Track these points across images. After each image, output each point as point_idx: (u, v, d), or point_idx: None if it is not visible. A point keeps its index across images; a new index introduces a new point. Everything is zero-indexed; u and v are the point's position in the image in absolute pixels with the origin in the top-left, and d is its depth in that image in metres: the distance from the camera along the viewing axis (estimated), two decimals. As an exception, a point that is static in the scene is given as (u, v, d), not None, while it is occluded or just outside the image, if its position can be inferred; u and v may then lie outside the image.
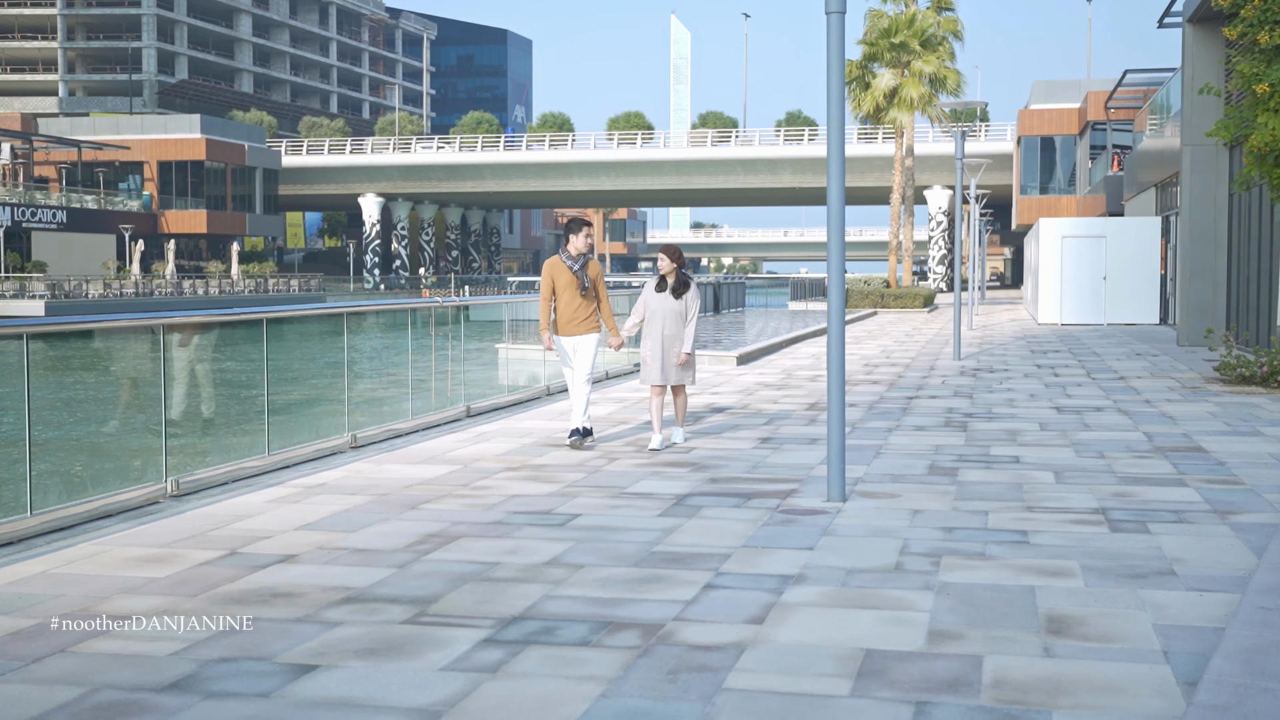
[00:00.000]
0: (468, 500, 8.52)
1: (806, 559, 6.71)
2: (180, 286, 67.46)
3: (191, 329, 9.35)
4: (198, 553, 6.98)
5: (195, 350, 9.45)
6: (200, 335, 9.53)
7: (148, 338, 9.58)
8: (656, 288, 11.07)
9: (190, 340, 9.74)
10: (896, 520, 7.77)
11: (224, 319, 9.63)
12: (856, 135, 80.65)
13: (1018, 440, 11.43)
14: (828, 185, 8.38)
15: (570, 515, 7.97)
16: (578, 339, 10.88)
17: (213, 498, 8.71)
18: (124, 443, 9.15)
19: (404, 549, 7.05)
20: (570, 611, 5.73)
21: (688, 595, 5.99)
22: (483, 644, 5.24)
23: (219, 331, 14.23)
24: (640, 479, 9.34)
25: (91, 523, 7.85)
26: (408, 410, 12.37)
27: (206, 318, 9.60)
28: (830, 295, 8.48)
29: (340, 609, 5.81)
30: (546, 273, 10.91)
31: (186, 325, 9.38)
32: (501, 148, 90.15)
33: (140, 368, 9.48)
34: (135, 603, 5.94)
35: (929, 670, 4.84)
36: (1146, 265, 32.61)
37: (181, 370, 7.79)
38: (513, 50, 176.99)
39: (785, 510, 8.11)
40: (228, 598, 6.03)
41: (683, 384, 11.19)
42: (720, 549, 6.99)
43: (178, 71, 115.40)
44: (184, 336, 9.77)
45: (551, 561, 6.71)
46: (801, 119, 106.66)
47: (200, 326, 9.55)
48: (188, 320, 9.20)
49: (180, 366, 7.85)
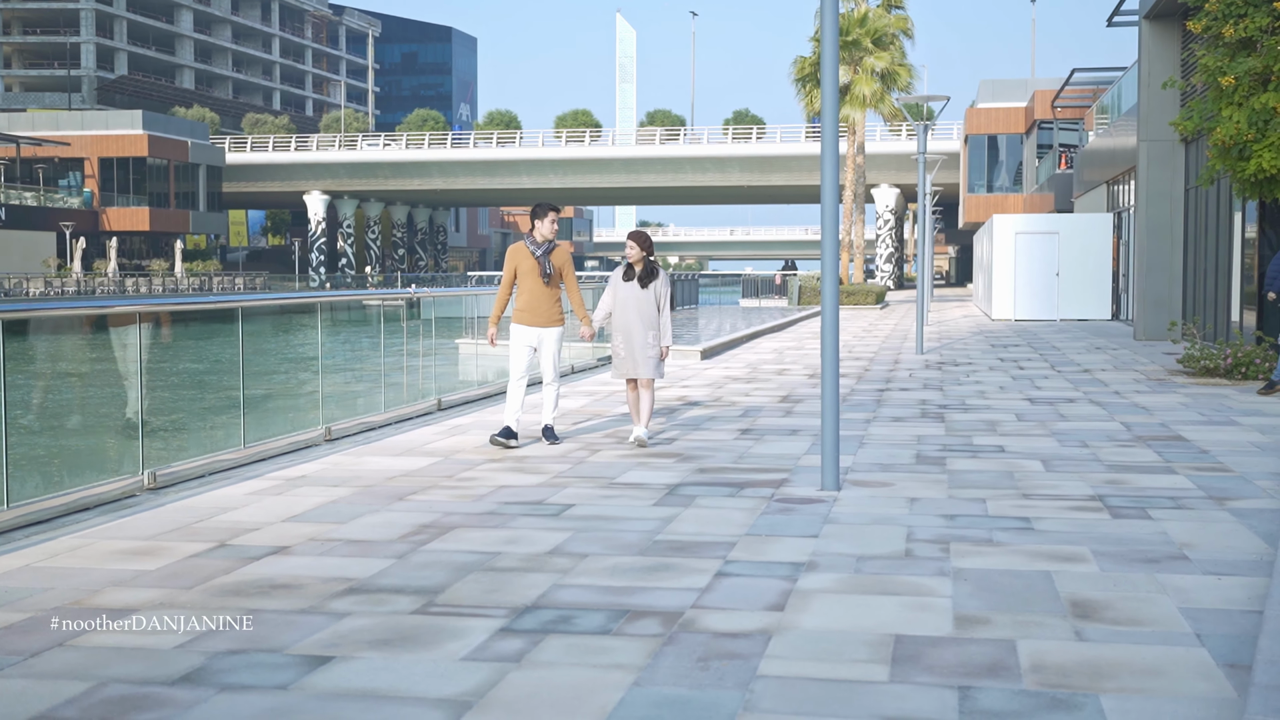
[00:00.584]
0: (456, 491, 8.34)
1: (814, 546, 6.60)
2: (123, 285, 66.47)
3: (165, 318, 9.08)
4: (186, 545, 6.76)
5: (167, 342, 9.17)
6: (170, 328, 9.27)
7: (115, 330, 9.33)
8: (624, 276, 10.51)
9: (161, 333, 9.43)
10: (895, 508, 7.68)
11: (200, 307, 9.39)
12: (805, 134, 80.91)
13: (997, 430, 11.39)
14: (822, 184, 8.28)
15: (563, 505, 7.82)
16: (540, 332, 10.30)
17: (191, 490, 8.48)
18: (98, 435, 8.88)
19: (399, 539, 6.87)
20: (583, 600, 5.58)
21: (701, 583, 5.85)
22: (500, 633, 5.08)
23: (187, 325, 13.92)
24: (627, 469, 9.20)
25: (69, 516, 7.61)
26: (380, 403, 12.15)
27: (182, 305, 9.33)
28: (824, 290, 8.38)
29: (344, 600, 5.62)
30: (509, 258, 10.39)
31: (162, 313, 9.12)
32: (449, 145, 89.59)
33: (111, 359, 9.21)
34: (129, 595, 5.72)
35: (964, 655, 4.73)
36: (1098, 262, 32.86)
37: (156, 362, 7.54)
38: (457, 48, 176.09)
39: (781, 499, 8.00)
40: (224, 590, 5.82)
41: (650, 379, 10.49)
42: (724, 537, 6.86)
43: (117, 67, 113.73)
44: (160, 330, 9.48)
45: (554, 551, 6.55)
46: (749, 118, 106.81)
47: (174, 315, 9.28)
48: (163, 307, 8.94)
49: (154, 358, 7.59)
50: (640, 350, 10.37)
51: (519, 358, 10.32)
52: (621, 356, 10.46)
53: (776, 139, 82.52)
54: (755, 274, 56.79)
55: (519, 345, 10.32)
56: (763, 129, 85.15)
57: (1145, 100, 23.56)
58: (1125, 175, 31.57)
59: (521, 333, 10.32)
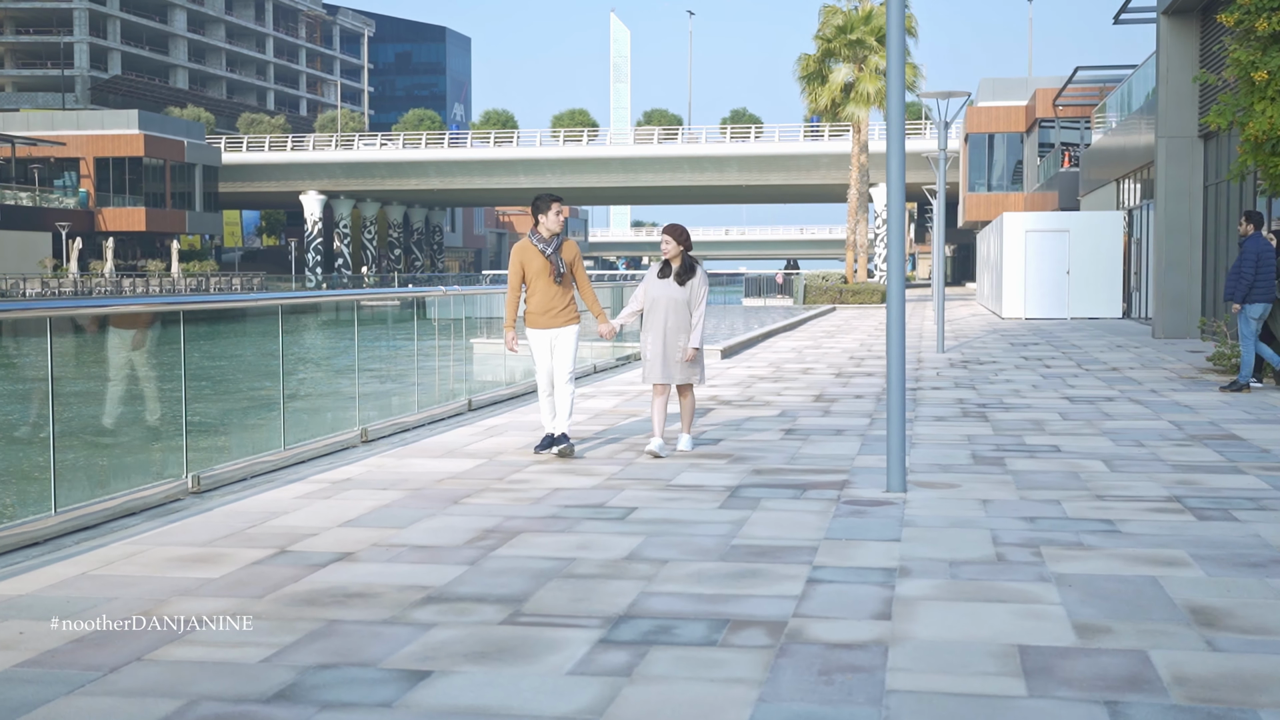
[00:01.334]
0: (510, 494, 8.09)
1: (900, 551, 6.36)
2: (120, 285, 66.12)
3: (206, 315, 8.84)
4: (245, 551, 6.51)
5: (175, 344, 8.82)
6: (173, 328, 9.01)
7: (154, 329, 9.08)
8: (659, 273, 9.76)
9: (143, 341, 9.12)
10: (969, 510, 7.44)
11: (243, 305, 9.12)
12: (803, 133, 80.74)
13: (1046, 430, 11.16)
14: (888, 185, 8.05)
15: (626, 508, 7.57)
16: (555, 332, 9.55)
17: (236, 494, 8.22)
18: (138, 438, 8.62)
19: (466, 545, 6.62)
20: (677, 609, 5.33)
21: (794, 590, 5.61)
22: (600, 645, 4.84)
23: (196, 325, 13.63)
24: (680, 471, 8.96)
25: (116, 521, 7.35)
26: (414, 404, 11.89)
27: (225, 303, 9.08)
28: (890, 291, 8.15)
29: (426, 609, 5.37)
30: (515, 259, 9.53)
31: (203, 311, 8.88)
32: (446, 145, 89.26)
33: (150, 359, 8.96)
34: (198, 605, 5.47)
35: (1098, 667, 4.49)
36: (1109, 259, 32.67)
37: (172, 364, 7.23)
38: (451, 48, 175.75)
39: (849, 501, 7.76)
40: (297, 599, 5.57)
41: (690, 383, 9.84)
42: (802, 541, 6.62)
43: (111, 67, 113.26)
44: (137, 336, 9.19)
45: (631, 556, 6.31)
46: (747, 117, 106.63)
47: (213, 314, 9.04)
48: (207, 305, 8.69)
49: (169, 359, 7.29)
50: (676, 355, 9.67)
51: (543, 363, 9.68)
52: (651, 360, 9.71)
53: (775, 138, 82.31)
54: (755, 273, 56.57)
55: (539, 350, 9.66)
56: (760, 128, 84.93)
57: (1164, 96, 23.36)
58: (1137, 172, 31.39)
59: (538, 337, 9.63)
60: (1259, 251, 13.92)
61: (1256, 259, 13.87)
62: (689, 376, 9.75)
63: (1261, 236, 14.06)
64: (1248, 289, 13.90)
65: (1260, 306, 13.99)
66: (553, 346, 9.55)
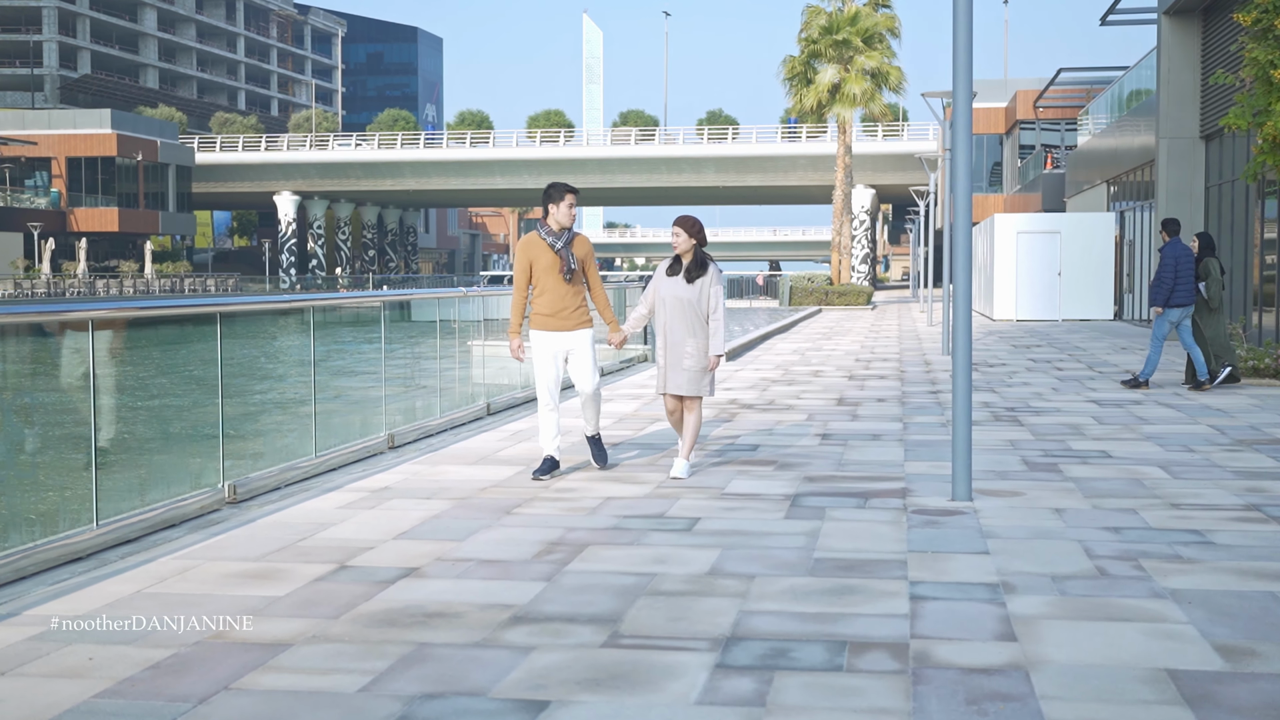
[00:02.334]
0: (562, 504, 7.78)
1: (993, 565, 6.08)
2: (93, 286, 65.33)
3: (242, 316, 8.51)
4: (303, 567, 6.18)
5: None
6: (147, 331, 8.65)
7: (174, 330, 8.72)
8: (668, 270, 8.66)
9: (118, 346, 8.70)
10: (1045, 520, 7.18)
11: (275, 307, 8.80)
12: (780, 135, 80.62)
13: (1086, 434, 10.93)
14: (954, 189, 7.79)
15: (688, 519, 7.27)
16: (569, 336, 8.63)
17: (274, 503, 7.88)
18: (174, 445, 8.27)
19: (534, 559, 6.30)
20: (785, 629, 5.04)
21: (900, 608, 5.32)
22: (718, 671, 4.53)
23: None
24: (729, 479, 8.66)
25: (157, 533, 7.00)
26: (436, 408, 11.56)
27: (259, 305, 8.75)
28: (956, 294, 7.89)
29: (516, 631, 5.06)
30: (521, 254, 8.63)
31: (238, 313, 8.54)
32: (422, 145, 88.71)
33: (166, 362, 8.60)
34: (273, 627, 5.13)
35: (1262, 694, 4.22)
36: (1100, 261, 32.60)
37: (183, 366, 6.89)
38: (423, 48, 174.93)
39: (918, 511, 7.49)
40: (375, 619, 5.25)
41: (697, 397, 8.65)
42: (886, 554, 6.34)
43: (80, 66, 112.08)
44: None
45: (714, 572, 6.00)
46: (723, 118, 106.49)
47: (249, 314, 8.72)
48: (242, 307, 8.36)
49: (177, 362, 6.94)
50: (682, 360, 8.53)
51: (546, 372, 8.69)
52: (661, 367, 8.69)
53: (752, 139, 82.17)
54: (737, 274, 56.41)
55: (545, 357, 8.66)
56: (738, 129, 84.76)
57: (1165, 97, 23.23)
58: (1129, 173, 31.32)
59: (546, 341, 8.64)
60: (1177, 257, 14.38)
61: (1175, 265, 14.36)
62: (696, 388, 8.58)
63: (1180, 243, 14.53)
64: (1168, 293, 14.40)
65: (1179, 311, 14.52)
66: (566, 355, 8.67)
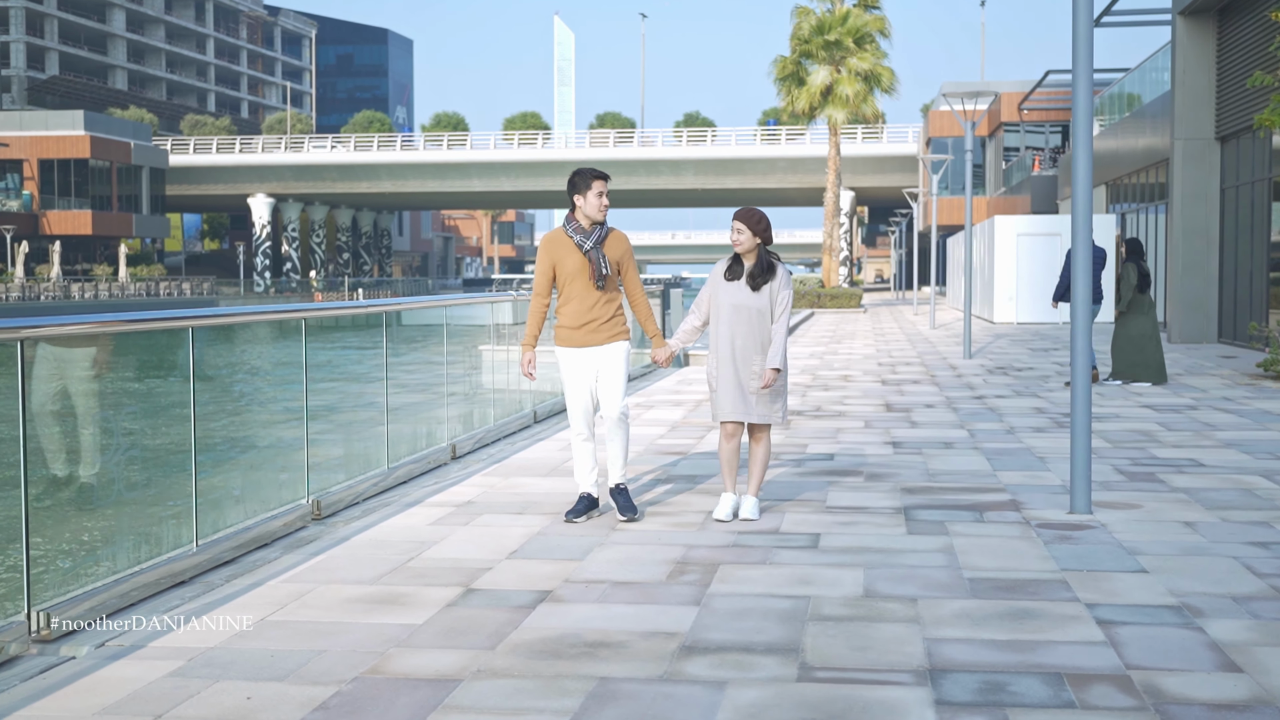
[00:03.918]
0: (664, 519, 7.41)
1: (1163, 585, 5.76)
2: (68, 290, 64.42)
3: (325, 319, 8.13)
4: (426, 590, 5.79)
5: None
6: None
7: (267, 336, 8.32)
8: (726, 273, 7.20)
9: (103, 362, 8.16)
10: (1180, 535, 6.87)
11: (354, 311, 8.42)
12: (761, 137, 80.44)
13: (1161, 441, 10.65)
14: (1074, 192, 7.53)
15: (807, 534, 6.93)
16: (599, 351, 7.19)
17: (358, 519, 7.49)
18: (259, 457, 7.87)
19: (669, 580, 5.94)
20: (985, 659, 4.70)
21: (1093, 634, 4.99)
22: (943, 708, 4.19)
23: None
24: (824, 490, 8.31)
25: (251, 554, 6.60)
26: (490, 416, 11.18)
27: (341, 309, 8.37)
28: (1076, 304, 7.59)
29: (695, 663, 4.70)
30: (543, 255, 7.22)
31: (325, 316, 8.16)
32: (399, 147, 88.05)
33: (231, 369, 8.20)
34: (430, 661, 4.76)
35: None
36: (1100, 263, 32.42)
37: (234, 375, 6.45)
38: (394, 50, 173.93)
39: (1042, 525, 7.16)
40: (535, 650, 4.88)
41: (767, 424, 7.30)
42: (1039, 573, 6.01)
43: (48, 67, 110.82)
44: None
45: (869, 594, 5.66)
46: (700, 120, 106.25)
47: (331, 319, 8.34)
48: (324, 313, 7.97)
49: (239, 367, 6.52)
50: (752, 381, 7.14)
51: (579, 396, 7.26)
52: (721, 391, 7.20)
53: (731, 141, 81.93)
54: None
55: (576, 378, 7.24)
56: (716, 132, 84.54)
57: (1180, 98, 23.08)
58: (1132, 175, 31.21)
59: (575, 360, 7.23)
60: None
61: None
62: (769, 414, 7.19)
63: (1095, 247, 15.01)
64: (1065, 290, 15.48)
65: None
66: (599, 369, 7.23)
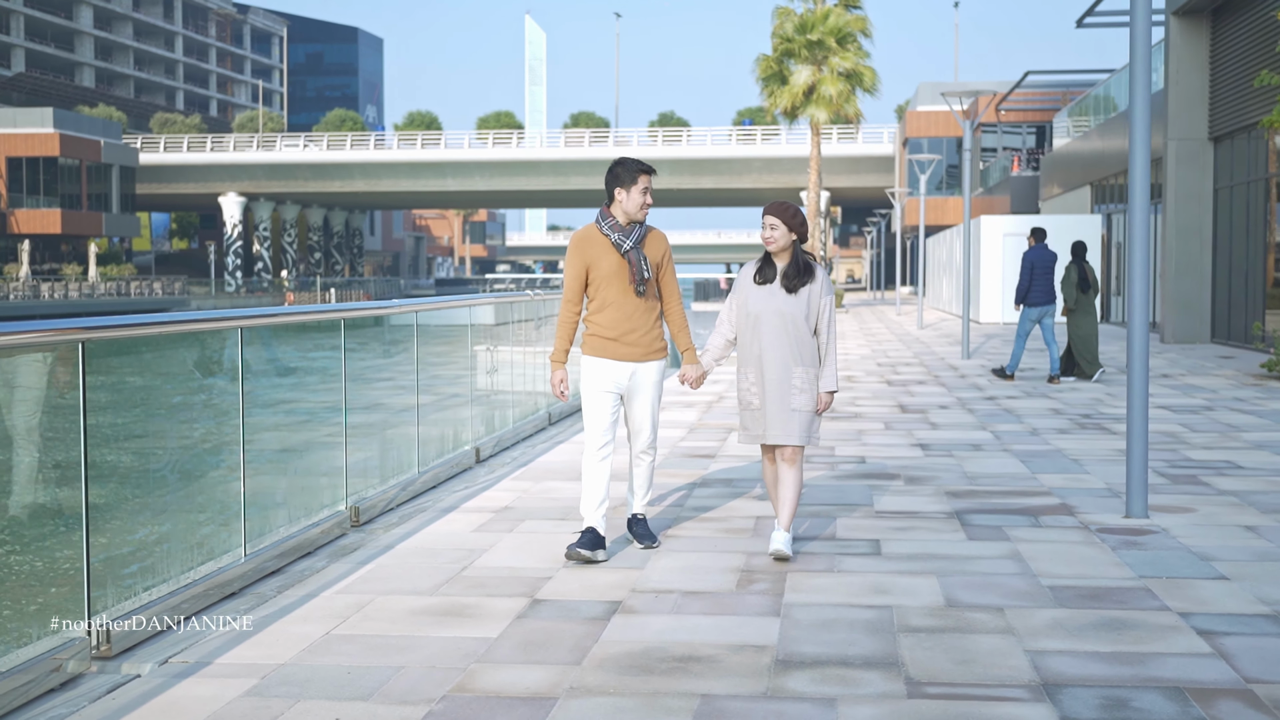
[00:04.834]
0: (713, 525, 7.22)
1: (1250, 592, 5.61)
2: (37, 290, 63.63)
3: (365, 320, 7.90)
4: (491, 601, 5.58)
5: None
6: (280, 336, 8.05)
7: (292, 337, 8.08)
8: (757, 276, 6.33)
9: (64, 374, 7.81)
10: (1247, 539, 6.74)
11: (387, 311, 8.19)
12: (736, 137, 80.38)
13: (1189, 443, 10.54)
14: (1130, 193, 7.36)
15: (867, 541, 6.75)
16: (635, 368, 6.36)
17: (396, 525, 7.28)
18: (297, 463, 7.63)
19: (740, 590, 5.75)
20: (1096, 673, 4.53)
21: (1197, 646, 4.83)
22: (1070, 726, 4.01)
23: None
24: (867, 494, 8.14)
25: (296, 563, 6.37)
26: (509, 419, 10.95)
27: (378, 310, 8.14)
28: (1133, 306, 7.44)
29: (793, 678, 4.51)
30: (575, 255, 6.34)
31: (366, 317, 7.94)
32: (372, 147, 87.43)
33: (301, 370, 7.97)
34: (516, 677, 4.55)
35: None
36: (1086, 263, 32.43)
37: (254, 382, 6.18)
38: (364, 49, 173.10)
39: (1103, 530, 7.01)
40: (623, 665, 4.68)
41: (799, 447, 6.32)
42: (1118, 580, 5.85)
43: (14, 64, 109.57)
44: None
45: (951, 604, 5.48)
46: (674, 120, 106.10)
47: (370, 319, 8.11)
48: (366, 312, 7.75)
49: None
50: (790, 397, 6.26)
51: (602, 410, 6.34)
52: (754, 407, 6.35)
53: (706, 141, 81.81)
54: (701, 277, 56.19)
55: (599, 392, 6.34)
56: (691, 131, 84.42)
57: (1174, 98, 23.06)
58: (1119, 175, 31.23)
59: (605, 372, 6.34)
60: (1033, 261, 15.84)
61: (1031, 267, 15.86)
62: (805, 434, 6.30)
63: (1043, 248, 15.94)
64: (1024, 292, 15.93)
65: (1037, 309, 16.07)
66: (630, 388, 6.39)
